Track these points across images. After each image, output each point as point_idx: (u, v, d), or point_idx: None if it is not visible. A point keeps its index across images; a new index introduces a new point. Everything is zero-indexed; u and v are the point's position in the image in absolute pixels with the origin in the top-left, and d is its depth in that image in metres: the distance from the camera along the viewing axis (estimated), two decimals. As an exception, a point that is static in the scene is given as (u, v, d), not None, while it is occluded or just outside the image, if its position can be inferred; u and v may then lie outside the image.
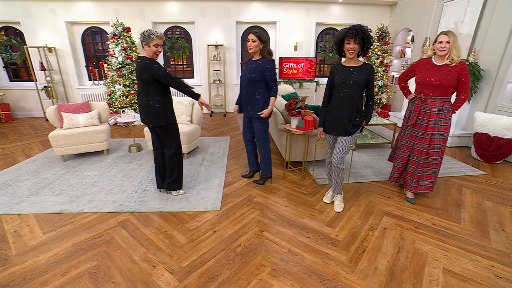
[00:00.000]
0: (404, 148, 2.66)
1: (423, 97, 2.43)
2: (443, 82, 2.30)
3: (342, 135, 2.28)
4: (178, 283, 1.70)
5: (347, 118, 2.23)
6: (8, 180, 3.08)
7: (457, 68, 2.27)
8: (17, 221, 2.36)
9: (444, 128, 2.41)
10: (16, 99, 6.21)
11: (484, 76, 4.04)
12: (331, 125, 2.33)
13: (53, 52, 5.95)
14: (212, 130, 5.21)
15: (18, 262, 1.89)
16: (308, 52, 6.59)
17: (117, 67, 5.41)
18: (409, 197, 2.69)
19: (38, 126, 5.56)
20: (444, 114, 2.39)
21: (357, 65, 2.17)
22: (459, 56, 2.26)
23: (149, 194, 2.78)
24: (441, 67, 2.33)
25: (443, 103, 2.38)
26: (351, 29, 2.04)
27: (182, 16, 6.05)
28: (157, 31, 2.31)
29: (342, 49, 2.16)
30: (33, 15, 5.72)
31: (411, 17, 5.66)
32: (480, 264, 1.88)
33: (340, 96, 2.22)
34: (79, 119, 3.64)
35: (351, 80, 2.15)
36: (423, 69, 2.43)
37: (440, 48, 2.28)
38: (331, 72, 2.30)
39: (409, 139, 2.61)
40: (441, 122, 2.40)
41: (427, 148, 2.48)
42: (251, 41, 2.53)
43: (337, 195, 2.59)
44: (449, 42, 2.23)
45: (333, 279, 1.74)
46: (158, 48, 2.32)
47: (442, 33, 2.29)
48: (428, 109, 2.42)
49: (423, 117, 2.47)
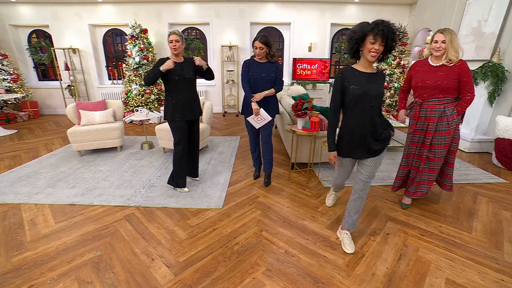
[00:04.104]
0: (408, 157, 2.51)
1: (419, 101, 2.28)
2: (441, 83, 2.15)
3: (368, 156, 1.83)
4: (174, 277, 1.75)
5: (372, 136, 1.77)
6: (30, 172, 3.31)
7: (456, 68, 2.11)
8: (34, 210, 2.53)
9: (445, 132, 2.24)
10: (43, 97, 6.64)
11: (509, 78, 3.80)
12: (351, 149, 1.84)
13: (77, 53, 6.31)
14: (223, 130, 5.29)
15: (31, 248, 2.03)
16: (322, 53, 6.51)
17: (134, 67, 5.63)
18: (404, 202, 2.56)
19: (61, 122, 5.91)
20: (447, 117, 2.22)
21: (374, 72, 1.73)
22: (457, 56, 2.10)
23: (156, 190, 2.87)
24: (438, 67, 2.17)
25: (444, 105, 2.21)
26: (379, 26, 1.54)
27: (197, 17, 6.19)
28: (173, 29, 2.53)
29: (360, 49, 1.67)
30: (60, 19, 6.10)
31: (431, 16, 5.42)
32: (489, 277, 1.77)
33: (363, 112, 1.72)
34: (95, 117, 3.84)
35: (375, 91, 1.69)
36: (419, 71, 2.28)
37: (435, 48, 2.13)
38: (340, 80, 1.73)
39: (412, 147, 2.46)
40: (442, 126, 2.24)
41: (426, 153, 2.35)
42: (259, 49, 2.62)
43: (346, 232, 2.05)
44: (445, 42, 2.08)
45: (328, 283, 1.71)
46: (172, 43, 2.46)
47: (438, 31, 2.13)
48: (427, 113, 2.27)
49: (423, 122, 2.32)
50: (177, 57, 2.55)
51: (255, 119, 2.76)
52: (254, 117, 2.75)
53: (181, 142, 2.65)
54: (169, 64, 2.40)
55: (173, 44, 2.45)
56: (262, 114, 2.73)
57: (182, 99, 2.58)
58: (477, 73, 4.02)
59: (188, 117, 2.64)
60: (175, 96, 2.57)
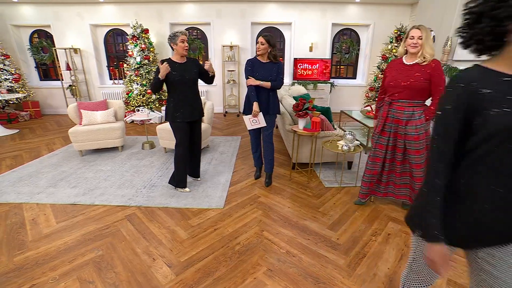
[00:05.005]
0: (374, 160, 2.32)
1: (388, 100, 2.17)
2: (412, 83, 2.02)
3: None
4: (175, 277, 1.76)
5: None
6: (32, 172, 3.31)
7: (428, 68, 1.99)
8: (35, 209, 2.54)
9: (414, 137, 2.09)
10: (44, 97, 6.65)
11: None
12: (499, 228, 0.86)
13: (78, 53, 6.31)
14: (224, 130, 5.29)
15: (33, 248, 2.03)
16: (323, 53, 6.50)
17: (135, 67, 5.64)
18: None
19: (63, 122, 5.92)
20: (415, 121, 2.08)
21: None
22: (432, 54, 1.99)
23: (157, 190, 2.87)
24: (411, 66, 2.05)
25: (413, 107, 2.08)
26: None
27: (198, 17, 6.19)
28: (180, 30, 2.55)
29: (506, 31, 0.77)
30: (62, 19, 6.10)
31: (432, 16, 5.41)
32: (490, 277, 1.77)
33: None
34: (96, 116, 3.84)
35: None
36: (392, 70, 2.15)
37: (411, 44, 1.99)
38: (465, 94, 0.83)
39: (379, 149, 2.29)
40: (411, 130, 2.10)
41: (401, 157, 2.22)
42: (260, 43, 2.65)
43: None
44: (421, 38, 1.96)
45: (329, 283, 1.71)
46: (185, 44, 2.49)
47: (414, 27, 2.01)
48: (396, 114, 2.14)
49: (391, 123, 2.18)
50: (181, 58, 2.56)
51: (251, 120, 2.77)
52: (251, 118, 2.76)
53: (182, 143, 2.65)
54: (164, 69, 2.39)
55: (184, 44, 2.48)
56: (259, 118, 2.74)
57: (183, 100, 2.58)
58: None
59: (189, 118, 2.64)
60: (176, 97, 2.57)
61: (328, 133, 3.24)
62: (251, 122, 2.77)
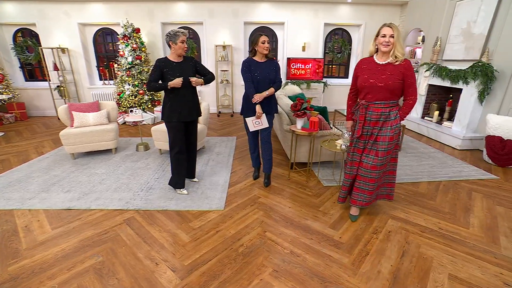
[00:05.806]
0: (352, 164, 2.28)
1: (365, 103, 2.10)
2: (387, 83, 1.98)
3: None
4: (180, 281, 1.72)
5: None
6: (21, 177, 3.18)
7: (401, 67, 1.97)
8: (28, 216, 2.44)
9: (389, 138, 2.07)
10: (31, 98, 6.41)
11: (497, 77, 3.92)
12: None
13: (66, 53, 6.12)
14: (219, 130, 5.25)
15: (28, 256, 1.95)
16: (316, 52, 6.55)
17: (126, 67, 5.51)
18: (352, 213, 2.38)
19: (51, 124, 5.73)
20: (390, 122, 2.06)
21: None
22: (403, 53, 1.96)
23: (155, 192, 2.82)
24: (385, 66, 2.00)
25: (389, 108, 2.05)
26: None
27: (190, 17, 6.11)
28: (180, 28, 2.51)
29: None
30: (48, 17, 5.89)
31: (422, 17, 5.54)
32: (489, 271, 1.83)
33: None
34: (88, 118, 3.74)
35: None
36: (365, 69, 2.08)
37: (383, 42, 1.94)
38: None
39: (357, 154, 2.24)
40: (386, 130, 2.07)
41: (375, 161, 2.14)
42: (266, 42, 2.65)
43: None
44: (393, 36, 1.92)
45: (335, 282, 1.72)
46: (184, 44, 2.46)
47: (385, 25, 1.95)
48: (373, 116, 2.08)
49: (368, 126, 2.13)
50: (178, 57, 2.51)
51: (254, 121, 2.76)
52: (254, 119, 2.75)
53: (176, 143, 2.61)
54: (177, 83, 2.41)
55: (184, 44, 2.44)
56: (262, 119, 2.74)
57: (180, 100, 2.54)
58: (468, 72, 4.14)
59: (186, 118, 2.60)
60: (172, 97, 2.52)
61: (326, 133, 3.27)
62: (253, 123, 2.77)
